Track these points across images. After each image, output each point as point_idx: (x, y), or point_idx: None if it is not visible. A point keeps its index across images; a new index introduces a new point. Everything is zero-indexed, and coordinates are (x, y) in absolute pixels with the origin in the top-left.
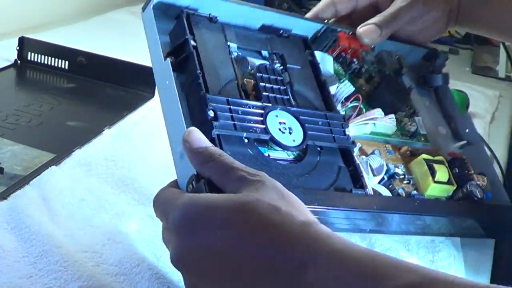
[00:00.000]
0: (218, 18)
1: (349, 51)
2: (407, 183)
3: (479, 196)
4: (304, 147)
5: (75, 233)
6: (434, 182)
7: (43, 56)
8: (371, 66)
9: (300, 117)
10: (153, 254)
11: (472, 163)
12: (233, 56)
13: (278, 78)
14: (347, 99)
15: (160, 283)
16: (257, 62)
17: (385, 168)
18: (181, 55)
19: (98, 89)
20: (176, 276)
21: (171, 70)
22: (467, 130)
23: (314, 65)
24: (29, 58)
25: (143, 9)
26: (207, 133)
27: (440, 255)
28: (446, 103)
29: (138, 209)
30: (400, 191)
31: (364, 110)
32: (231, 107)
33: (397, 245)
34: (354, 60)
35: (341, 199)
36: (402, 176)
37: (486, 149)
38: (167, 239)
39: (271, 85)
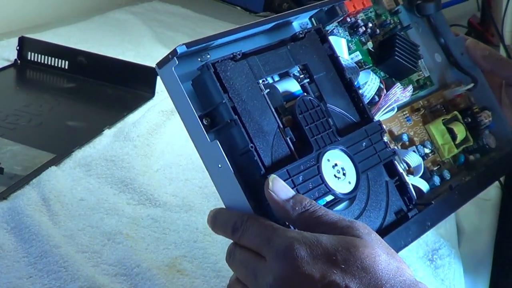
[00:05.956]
0: (241, 51)
1: (354, 13)
2: (433, 154)
3: (493, 147)
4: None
5: (74, 233)
6: (456, 147)
7: (43, 56)
8: (370, 19)
9: (347, 149)
10: (153, 255)
11: (476, 98)
12: (264, 93)
13: (317, 109)
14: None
15: (161, 284)
16: (285, 85)
17: (422, 167)
18: (219, 120)
19: (98, 89)
20: (175, 278)
21: (223, 153)
22: (462, 54)
23: (335, 61)
24: (29, 58)
25: (159, 65)
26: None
27: (439, 254)
28: (441, 30)
29: (138, 209)
30: (436, 179)
31: (383, 85)
32: (292, 178)
33: None
34: (358, 21)
35: (410, 232)
36: (429, 152)
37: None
38: (253, 265)
39: (314, 123)
